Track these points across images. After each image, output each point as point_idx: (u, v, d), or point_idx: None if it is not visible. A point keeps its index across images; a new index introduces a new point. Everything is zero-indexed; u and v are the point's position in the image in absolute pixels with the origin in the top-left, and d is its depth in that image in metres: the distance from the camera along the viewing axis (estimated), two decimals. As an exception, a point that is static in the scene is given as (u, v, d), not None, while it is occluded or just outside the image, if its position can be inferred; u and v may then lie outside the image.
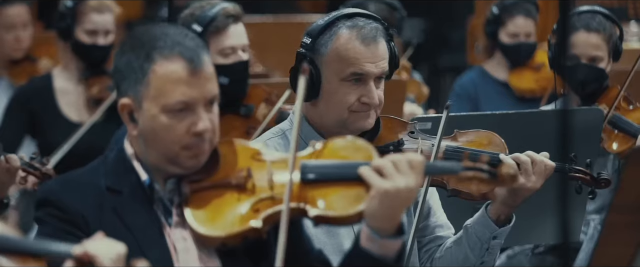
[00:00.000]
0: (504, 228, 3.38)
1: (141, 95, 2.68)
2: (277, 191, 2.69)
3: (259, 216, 2.66)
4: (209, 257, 2.73)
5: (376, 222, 2.66)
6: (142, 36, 2.72)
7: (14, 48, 6.39)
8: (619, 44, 4.65)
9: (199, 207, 2.70)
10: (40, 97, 5.40)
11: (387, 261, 2.67)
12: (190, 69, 2.67)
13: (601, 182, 3.50)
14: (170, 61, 2.67)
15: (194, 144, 2.69)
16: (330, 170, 2.71)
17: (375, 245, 2.67)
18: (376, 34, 3.33)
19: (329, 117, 3.36)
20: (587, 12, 4.65)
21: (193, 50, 2.69)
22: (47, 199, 2.74)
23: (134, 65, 2.69)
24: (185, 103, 2.67)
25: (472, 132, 3.46)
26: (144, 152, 2.73)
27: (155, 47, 2.68)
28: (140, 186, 2.74)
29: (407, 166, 2.66)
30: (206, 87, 2.69)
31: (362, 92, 3.32)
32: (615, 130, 4.45)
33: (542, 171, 3.32)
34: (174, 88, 2.66)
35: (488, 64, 6.56)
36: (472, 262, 3.39)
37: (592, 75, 4.60)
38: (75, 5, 5.34)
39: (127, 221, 2.71)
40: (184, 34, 2.72)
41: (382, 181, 2.64)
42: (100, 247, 2.44)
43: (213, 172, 2.73)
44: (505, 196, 3.33)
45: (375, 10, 6.05)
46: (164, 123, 2.67)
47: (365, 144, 2.77)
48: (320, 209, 2.67)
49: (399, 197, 2.64)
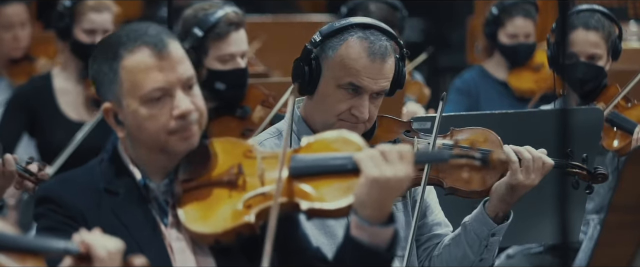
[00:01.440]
0: (502, 225, 3.39)
1: (118, 95, 2.70)
2: (269, 185, 2.70)
3: (251, 212, 2.67)
4: (204, 256, 2.73)
5: (365, 210, 2.65)
6: (108, 40, 2.76)
7: (12, 47, 6.38)
8: (618, 42, 4.65)
9: (191, 206, 2.71)
10: (40, 97, 5.39)
11: (378, 250, 2.67)
12: (156, 53, 2.68)
13: (598, 177, 3.52)
14: (135, 53, 2.69)
15: (180, 127, 2.69)
16: (320, 162, 2.72)
17: (365, 233, 2.66)
18: (385, 52, 3.32)
19: (318, 117, 3.38)
20: (586, 11, 4.65)
21: (155, 36, 2.70)
22: (47, 197, 2.74)
23: (104, 68, 2.72)
24: (161, 89, 2.67)
25: (468, 129, 3.46)
26: (135, 150, 2.74)
27: (121, 44, 2.70)
28: (136, 187, 2.74)
29: (397, 156, 2.65)
30: (178, 70, 2.69)
31: (354, 104, 3.32)
32: (613, 128, 4.45)
33: (540, 168, 3.33)
34: (145, 77, 2.67)
35: (488, 64, 6.56)
36: (471, 259, 3.40)
37: (591, 73, 4.60)
38: (73, 4, 5.34)
39: (124, 221, 2.71)
40: (146, 26, 2.73)
41: (372, 169, 2.64)
42: (98, 238, 2.45)
43: (204, 172, 2.74)
44: (502, 193, 3.34)
45: (376, 10, 6.06)
46: (145, 114, 2.68)
47: (355, 137, 2.77)
48: (312, 202, 2.67)
49: (388, 186, 2.63)
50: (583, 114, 4.04)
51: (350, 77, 3.31)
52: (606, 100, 4.54)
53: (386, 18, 5.81)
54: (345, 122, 3.33)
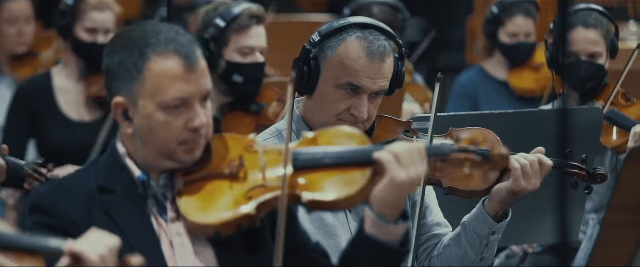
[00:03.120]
0: (502, 223, 3.39)
1: (136, 93, 2.69)
2: (270, 178, 2.71)
3: (252, 203, 2.68)
4: (204, 251, 2.73)
5: (385, 209, 2.68)
6: (133, 34, 2.72)
7: (16, 42, 6.40)
8: (615, 41, 4.66)
9: (191, 198, 2.71)
10: (40, 95, 5.39)
11: (393, 247, 2.70)
12: (186, 65, 2.67)
13: (597, 177, 3.52)
14: (166, 58, 2.67)
15: (191, 139, 2.70)
16: (322, 156, 2.74)
17: (382, 231, 2.69)
18: (384, 52, 3.32)
19: (317, 117, 3.38)
20: (583, 10, 4.66)
21: (188, 46, 2.69)
22: (38, 205, 2.73)
23: (127, 63, 2.69)
24: (182, 99, 2.67)
25: (467, 129, 3.46)
26: (139, 149, 2.73)
27: (149, 45, 2.68)
28: (133, 184, 2.74)
29: (417, 155, 2.69)
30: (201, 83, 2.70)
31: (353, 104, 3.32)
32: (612, 126, 4.46)
33: (539, 171, 3.33)
34: (170, 85, 2.67)
35: (487, 64, 6.57)
36: (471, 258, 3.40)
37: (592, 71, 4.61)
38: (76, 3, 5.34)
39: (119, 221, 2.71)
40: (175, 30, 2.72)
41: (399, 171, 2.66)
42: (88, 244, 2.45)
43: (206, 164, 2.74)
44: (504, 197, 3.34)
45: (378, 12, 6.07)
46: (161, 120, 2.68)
47: (357, 132, 2.79)
48: (313, 194, 2.69)
49: (411, 185, 2.68)
50: (583, 114, 4.04)
51: (349, 77, 3.32)
52: (606, 99, 4.54)
53: (388, 20, 5.83)
54: (344, 122, 3.33)
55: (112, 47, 2.75)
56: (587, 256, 4.45)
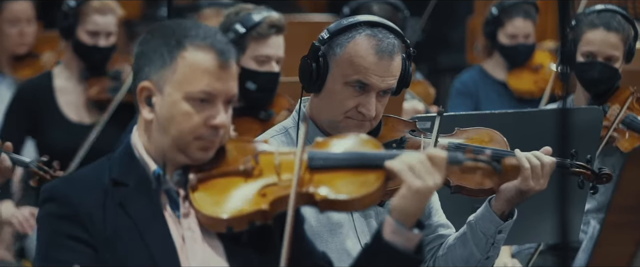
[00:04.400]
0: (508, 222, 3.39)
1: (164, 80, 2.70)
2: (285, 177, 2.73)
3: (266, 200, 2.70)
4: (215, 247, 2.74)
5: (404, 217, 2.70)
6: (173, 25, 2.76)
7: (18, 43, 6.40)
8: (633, 45, 4.64)
9: (205, 192, 2.73)
10: (40, 96, 5.40)
11: (409, 253, 2.71)
12: (221, 61, 2.70)
13: (603, 177, 3.52)
14: (202, 50, 2.70)
15: (207, 135, 2.71)
16: (338, 156, 2.76)
17: (401, 238, 2.70)
18: (393, 49, 3.32)
19: (325, 115, 3.38)
20: (607, 11, 4.65)
21: (225, 44, 2.73)
22: (51, 197, 2.73)
23: (162, 49, 2.71)
24: (209, 94, 2.69)
25: (473, 129, 3.47)
26: (156, 137, 2.74)
27: (188, 36, 2.71)
28: (147, 179, 2.75)
29: (436, 163, 2.71)
30: (229, 84, 2.72)
31: (362, 102, 3.32)
32: (629, 130, 4.44)
33: (549, 172, 3.34)
34: (200, 77, 2.69)
35: (487, 64, 6.57)
36: (477, 257, 3.40)
37: (606, 74, 4.59)
38: (78, 5, 5.35)
39: (132, 214, 2.71)
40: (215, 30, 2.76)
41: (415, 180, 2.68)
42: None
43: (219, 164, 2.76)
44: (511, 196, 3.34)
45: (379, 10, 6.06)
46: (183, 110, 2.69)
47: (371, 138, 2.81)
48: (326, 194, 2.70)
49: (430, 194, 2.70)
50: (583, 114, 4.05)
51: (357, 75, 3.32)
52: (620, 102, 4.53)
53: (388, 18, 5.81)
54: (352, 119, 3.34)
55: (149, 35, 2.76)
56: (588, 255, 4.46)
